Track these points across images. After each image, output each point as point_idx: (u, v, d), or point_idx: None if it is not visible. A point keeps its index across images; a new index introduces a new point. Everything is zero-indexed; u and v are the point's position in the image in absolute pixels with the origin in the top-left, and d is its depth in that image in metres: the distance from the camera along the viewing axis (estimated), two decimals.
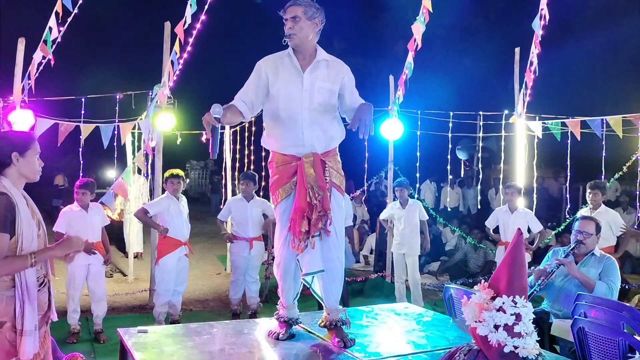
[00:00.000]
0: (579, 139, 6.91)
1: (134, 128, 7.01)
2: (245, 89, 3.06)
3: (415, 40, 6.93)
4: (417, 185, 9.08)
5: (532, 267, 4.19)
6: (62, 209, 5.38)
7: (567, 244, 4.80)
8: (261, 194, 6.41)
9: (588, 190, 6.03)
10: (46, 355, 2.58)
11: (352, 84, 3.16)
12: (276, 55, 3.07)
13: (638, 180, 7.30)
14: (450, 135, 8.20)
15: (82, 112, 6.59)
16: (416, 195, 7.79)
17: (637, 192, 7.47)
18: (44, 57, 6.18)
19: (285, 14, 2.98)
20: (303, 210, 2.91)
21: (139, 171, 7.69)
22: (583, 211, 6.08)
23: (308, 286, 3.10)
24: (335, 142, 3.12)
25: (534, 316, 2.18)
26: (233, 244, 5.94)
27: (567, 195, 7.70)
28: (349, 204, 6.79)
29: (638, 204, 7.52)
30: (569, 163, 7.38)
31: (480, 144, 9.07)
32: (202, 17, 6.70)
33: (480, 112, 8.31)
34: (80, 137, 6.33)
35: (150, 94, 6.68)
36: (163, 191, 5.99)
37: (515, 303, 2.12)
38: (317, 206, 2.91)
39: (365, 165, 8.45)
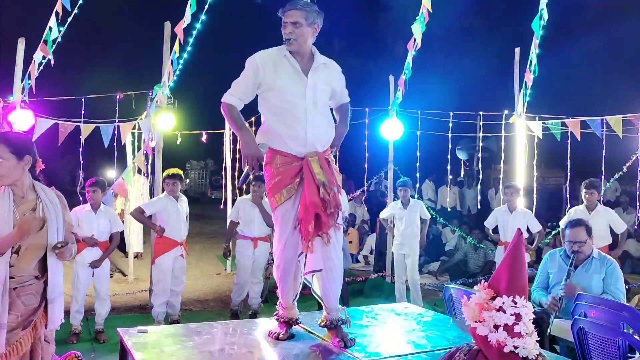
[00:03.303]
0: (579, 139, 6.91)
1: (134, 128, 7.01)
2: (244, 87, 3.05)
3: (415, 40, 6.93)
4: (417, 185, 9.08)
5: (532, 270, 4.18)
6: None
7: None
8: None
9: (583, 190, 6.02)
10: None
11: (343, 85, 3.29)
12: (272, 52, 3.05)
13: (638, 180, 7.31)
14: (450, 135, 8.20)
15: (82, 112, 6.59)
16: (416, 196, 7.79)
17: (637, 192, 7.47)
18: (44, 57, 6.18)
19: (285, 17, 2.98)
20: (317, 207, 2.90)
21: (139, 171, 7.69)
22: (579, 209, 6.07)
23: (309, 286, 3.10)
24: (330, 141, 3.16)
25: (534, 316, 2.18)
26: (238, 243, 5.93)
27: (567, 195, 7.70)
28: (344, 198, 6.78)
29: (638, 204, 7.52)
30: (569, 163, 7.38)
31: (480, 144, 9.07)
32: (202, 17, 6.70)
33: (480, 112, 8.31)
34: (80, 137, 6.33)
35: (150, 94, 6.68)
36: (163, 191, 5.99)
37: (515, 303, 2.12)
38: (330, 202, 2.92)
39: (365, 165, 8.45)
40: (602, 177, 7.13)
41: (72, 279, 5.17)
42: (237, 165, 8.83)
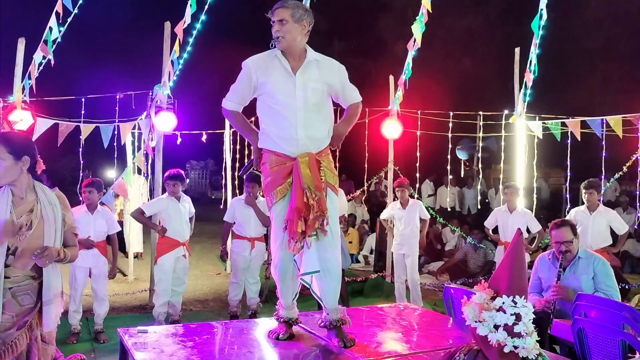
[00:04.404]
0: (579, 139, 6.90)
1: (134, 128, 7.01)
2: (240, 92, 3.08)
3: (415, 40, 6.93)
4: (417, 185, 9.08)
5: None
6: None
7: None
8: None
9: (583, 191, 6.01)
10: None
11: (345, 81, 3.18)
12: (264, 55, 3.05)
13: (638, 180, 7.30)
14: (450, 135, 8.20)
15: (82, 112, 6.59)
16: (416, 195, 7.79)
17: (637, 192, 7.47)
18: (44, 57, 6.18)
19: (272, 17, 2.98)
20: (300, 211, 2.89)
21: (139, 171, 7.69)
22: (580, 210, 6.07)
23: (308, 286, 3.09)
24: (328, 141, 3.13)
25: (534, 316, 2.18)
26: (234, 243, 5.92)
27: (567, 195, 7.70)
28: (342, 197, 6.78)
29: (638, 204, 7.52)
30: (569, 163, 7.38)
31: (480, 144, 9.07)
32: (202, 17, 6.70)
33: (480, 112, 8.31)
34: (80, 137, 6.33)
35: (150, 94, 6.68)
36: (163, 191, 5.99)
37: (515, 303, 2.12)
38: (314, 207, 2.89)
39: (365, 165, 8.45)
40: (602, 177, 7.13)
41: (69, 279, 5.17)
42: (237, 165, 8.84)
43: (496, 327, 2.10)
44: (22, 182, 2.62)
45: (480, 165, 8.95)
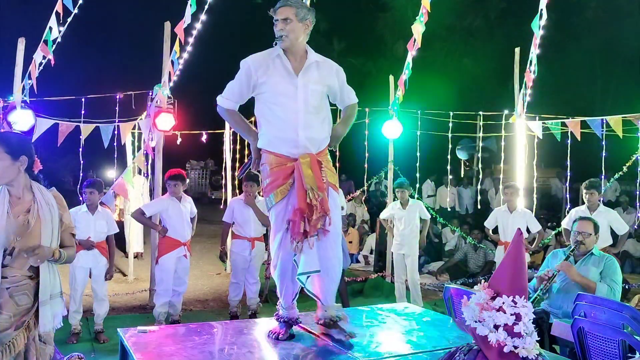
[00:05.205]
0: (579, 139, 6.90)
1: (134, 128, 7.01)
2: (238, 91, 3.06)
3: (415, 40, 6.93)
4: (418, 185, 9.09)
5: (532, 270, 4.20)
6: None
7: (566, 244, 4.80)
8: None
9: (584, 191, 6.01)
10: None
11: (343, 83, 3.20)
12: (264, 54, 3.04)
13: (638, 180, 7.30)
14: (450, 135, 8.20)
15: (82, 112, 6.59)
16: (416, 196, 7.79)
17: (637, 192, 7.46)
18: (44, 57, 6.18)
19: (275, 15, 2.97)
20: (303, 212, 2.89)
21: (139, 171, 7.69)
22: (580, 210, 6.06)
23: (302, 285, 3.08)
24: (327, 141, 3.13)
25: (534, 316, 2.18)
26: (234, 243, 5.92)
27: (567, 195, 7.70)
28: (342, 199, 6.77)
29: (638, 204, 7.52)
30: (569, 163, 7.38)
31: (480, 144, 9.07)
32: (202, 17, 6.70)
33: (480, 112, 8.32)
34: (80, 137, 6.33)
35: (150, 94, 6.67)
36: (164, 191, 5.98)
37: (515, 303, 2.12)
38: (317, 207, 2.90)
39: (365, 165, 8.45)
40: (602, 177, 7.12)
41: (69, 279, 5.17)
42: (237, 165, 8.84)
43: (496, 327, 2.11)
44: (19, 182, 2.61)
45: (480, 165, 8.94)
